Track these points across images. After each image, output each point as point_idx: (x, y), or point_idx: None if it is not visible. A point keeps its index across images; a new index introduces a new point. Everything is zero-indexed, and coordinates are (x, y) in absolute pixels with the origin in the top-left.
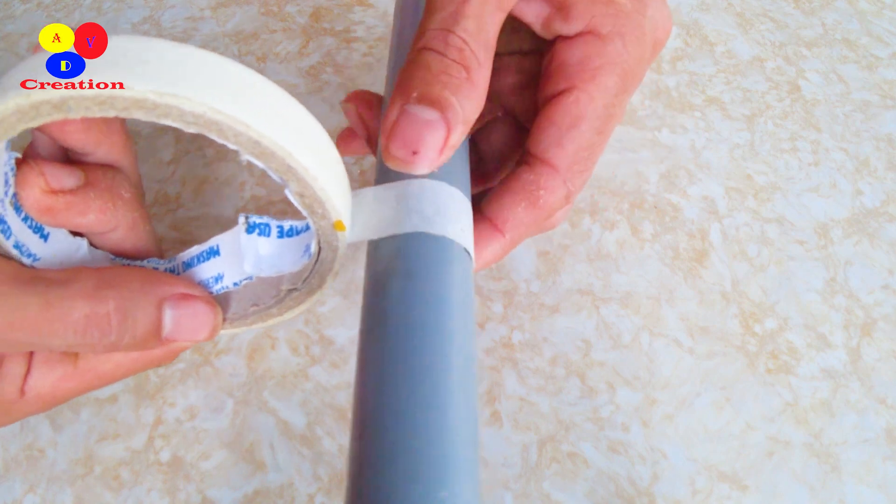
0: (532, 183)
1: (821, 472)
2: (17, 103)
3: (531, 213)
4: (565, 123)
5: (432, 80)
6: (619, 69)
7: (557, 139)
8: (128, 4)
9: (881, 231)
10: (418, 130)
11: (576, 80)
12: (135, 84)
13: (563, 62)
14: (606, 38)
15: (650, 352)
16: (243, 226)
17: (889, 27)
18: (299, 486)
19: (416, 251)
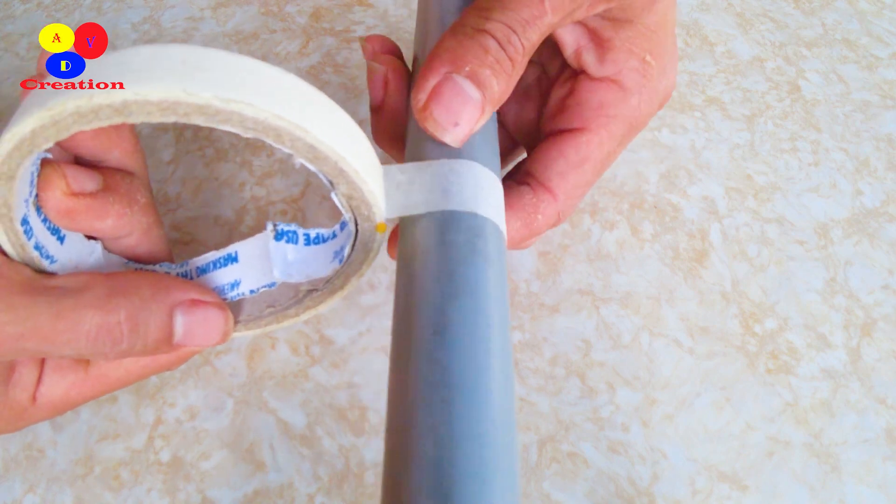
0: (532, 206)
1: (821, 472)
2: (77, 105)
3: (523, 232)
4: (574, 160)
5: (487, 63)
6: (629, 122)
7: (563, 173)
8: (128, 4)
9: (881, 231)
10: (462, 103)
11: (591, 124)
12: (199, 90)
13: (582, 101)
14: (628, 91)
15: (650, 352)
16: (272, 233)
17: (889, 27)
18: (299, 486)
19: (457, 229)
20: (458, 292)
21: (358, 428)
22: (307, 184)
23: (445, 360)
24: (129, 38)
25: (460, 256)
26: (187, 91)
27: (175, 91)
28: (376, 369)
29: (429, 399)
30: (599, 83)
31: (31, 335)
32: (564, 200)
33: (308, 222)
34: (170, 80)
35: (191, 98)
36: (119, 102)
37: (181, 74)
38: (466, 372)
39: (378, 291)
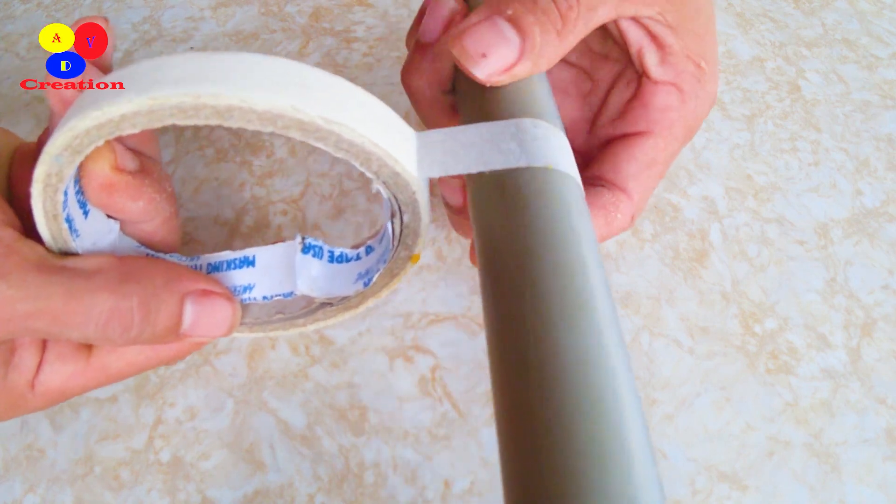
0: (612, 205)
1: (821, 472)
2: (181, 100)
3: (604, 230)
4: (644, 162)
5: (530, 10)
6: (687, 125)
7: (636, 174)
8: (128, 4)
9: (881, 231)
10: (496, 39)
11: (656, 127)
12: (306, 108)
13: (647, 104)
14: (686, 95)
15: (650, 352)
16: (299, 245)
17: (889, 27)
18: (299, 486)
19: (551, 185)
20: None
21: (358, 428)
22: (307, 184)
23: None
24: (129, 37)
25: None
26: (295, 107)
27: (282, 105)
28: (376, 369)
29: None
30: (661, 87)
31: (42, 314)
32: (639, 201)
33: (308, 222)
34: (277, 92)
35: (297, 114)
36: (224, 106)
37: (288, 89)
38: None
39: None
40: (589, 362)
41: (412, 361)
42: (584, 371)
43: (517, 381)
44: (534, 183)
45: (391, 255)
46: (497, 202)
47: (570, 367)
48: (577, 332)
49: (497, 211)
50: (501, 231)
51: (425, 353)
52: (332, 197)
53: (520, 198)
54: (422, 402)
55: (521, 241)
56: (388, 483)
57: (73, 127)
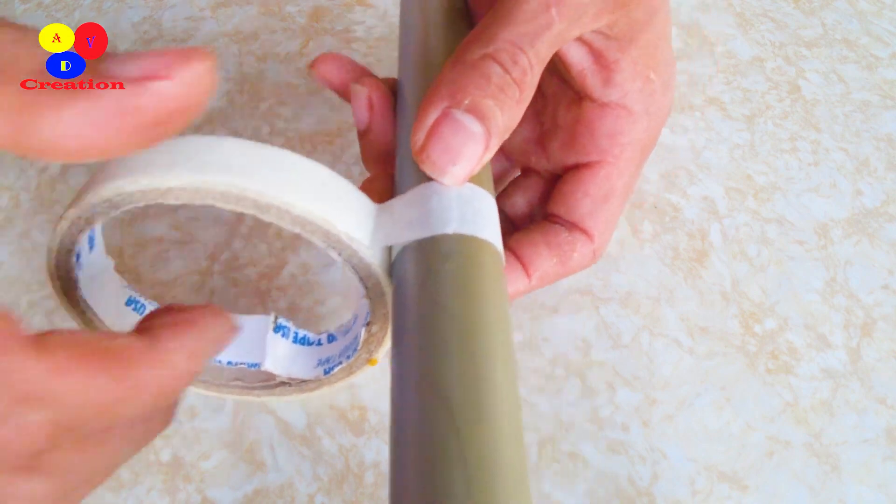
0: (568, 244)
1: (821, 472)
2: (226, 189)
3: (560, 270)
4: (599, 196)
5: (489, 93)
6: (641, 146)
7: (592, 211)
8: (128, 4)
9: (881, 231)
10: (462, 141)
11: (607, 155)
12: (336, 223)
13: (593, 130)
14: (636, 115)
15: (650, 352)
16: (272, 323)
17: (889, 27)
18: (299, 486)
19: (466, 253)
20: (447, 335)
21: (358, 428)
22: None
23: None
24: (129, 37)
25: (448, 287)
26: (326, 219)
27: (317, 214)
28: (376, 369)
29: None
30: (608, 109)
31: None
32: (599, 238)
33: None
34: (313, 201)
35: (325, 225)
36: (264, 204)
37: (323, 197)
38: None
39: None
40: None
41: None
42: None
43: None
44: (453, 248)
45: (354, 357)
46: (406, 275)
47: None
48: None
49: (405, 283)
50: (417, 289)
51: None
52: None
53: (444, 264)
54: None
55: (431, 298)
56: (388, 483)
57: (120, 187)
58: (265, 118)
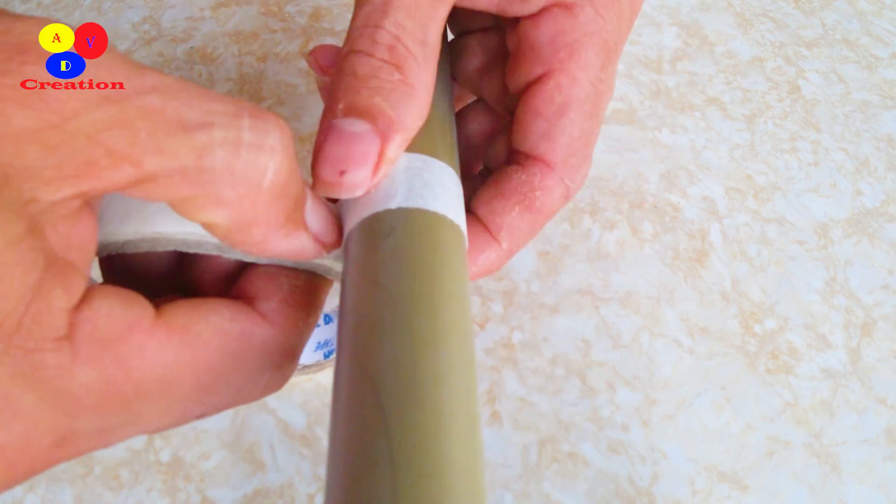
0: (525, 184)
1: (821, 472)
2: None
3: (528, 218)
4: (550, 113)
5: (359, 86)
6: (597, 39)
7: (546, 132)
8: (128, 4)
9: (881, 231)
10: (345, 146)
11: (552, 62)
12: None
13: (532, 43)
14: (576, 8)
15: (650, 352)
16: None
17: (889, 27)
18: (299, 486)
19: (409, 228)
20: (381, 314)
21: None
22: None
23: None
24: (129, 37)
25: (387, 264)
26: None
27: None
28: None
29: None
30: (541, 16)
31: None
32: (562, 164)
33: None
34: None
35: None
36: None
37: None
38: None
39: None
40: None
41: None
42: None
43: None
44: (396, 223)
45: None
46: (362, 244)
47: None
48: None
49: (350, 263)
50: (357, 268)
51: None
52: None
53: (385, 240)
54: None
55: (368, 276)
56: None
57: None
58: None
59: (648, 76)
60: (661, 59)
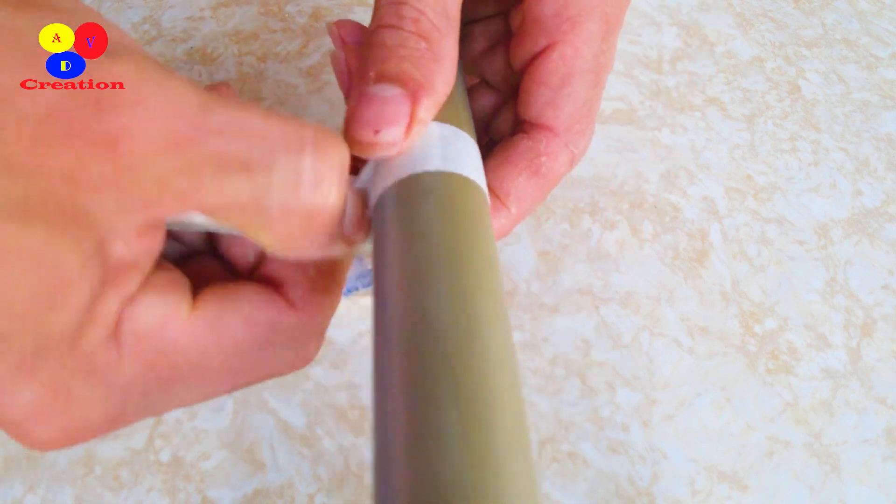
0: (531, 150)
1: (821, 472)
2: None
3: (535, 183)
4: (555, 82)
5: (388, 55)
6: (598, 13)
7: (551, 100)
8: (128, 4)
9: (881, 231)
10: (378, 109)
11: (556, 35)
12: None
13: (536, 17)
14: None
15: (650, 352)
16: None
17: (889, 27)
18: (299, 486)
19: (449, 189)
20: (432, 264)
21: (358, 428)
22: None
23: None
24: None
25: (433, 218)
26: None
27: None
28: None
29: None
30: None
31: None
32: (567, 130)
33: None
34: None
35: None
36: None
37: None
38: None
39: None
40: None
41: None
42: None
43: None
44: (437, 184)
45: (371, 287)
46: (402, 202)
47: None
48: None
49: (401, 209)
50: (399, 223)
51: None
52: None
53: (428, 196)
54: None
55: (415, 229)
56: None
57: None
58: None
59: (648, 76)
60: (661, 59)
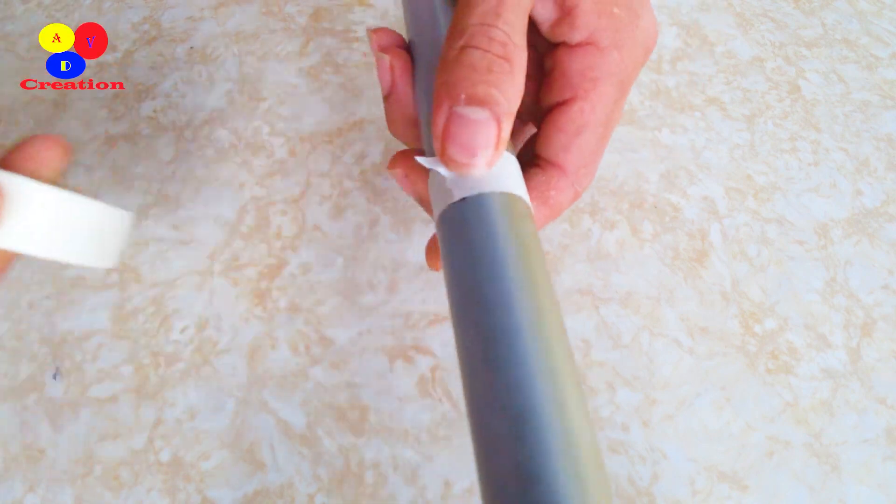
0: (544, 184)
1: (821, 472)
2: None
3: (542, 212)
4: (571, 130)
5: (478, 79)
6: (616, 79)
7: (565, 145)
8: (128, 4)
9: (881, 231)
10: (473, 132)
11: (578, 90)
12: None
13: (565, 70)
14: (605, 50)
15: (650, 352)
16: None
17: (889, 27)
18: (299, 486)
19: (511, 206)
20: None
21: (358, 428)
22: (307, 184)
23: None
24: (129, 37)
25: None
26: None
27: None
28: (376, 369)
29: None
30: (577, 49)
31: None
32: (574, 172)
33: (308, 222)
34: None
35: None
36: None
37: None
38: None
39: (378, 291)
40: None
41: (412, 361)
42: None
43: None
44: (489, 210)
45: None
46: (460, 227)
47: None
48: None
49: (455, 245)
50: (464, 258)
51: (425, 353)
52: (331, 197)
53: (475, 226)
54: (422, 402)
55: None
56: (388, 483)
57: None
58: (265, 118)
59: (648, 76)
60: (661, 59)
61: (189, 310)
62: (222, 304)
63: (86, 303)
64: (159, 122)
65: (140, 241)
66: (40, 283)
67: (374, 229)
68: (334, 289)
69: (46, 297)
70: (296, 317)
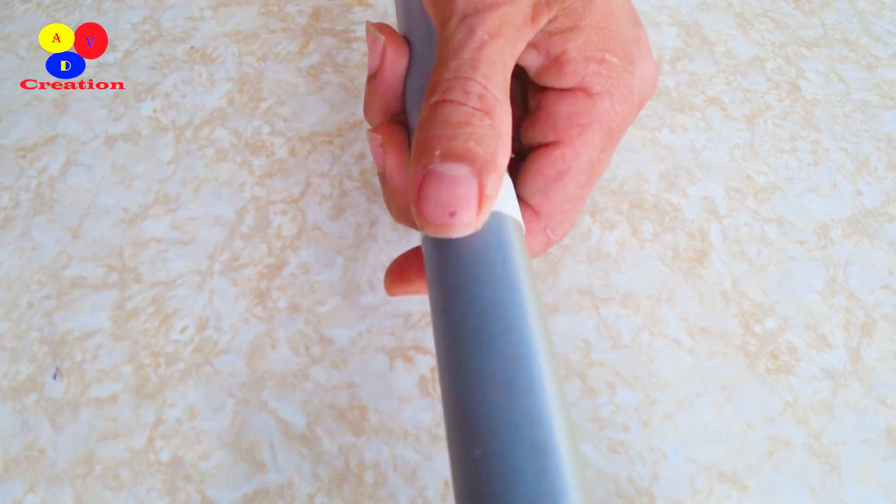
0: None
1: (821, 472)
2: None
3: None
4: (551, 175)
5: (454, 133)
6: (605, 127)
7: (543, 188)
8: (128, 4)
9: (881, 231)
10: (449, 190)
11: (563, 135)
12: None
13: (551, 113)
14: (596, 96)
15: (650, 352)
16: None
17: (889, 27)
18: (299, 486)
19: (507, 230)
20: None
21: (358, 428)
22: (307, 184)
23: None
24: (129, 37)
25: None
26: None
27: None
28: (376, 369)
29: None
30: (566, 93)
31: None
32: (548, 217)
33: (308, 222)
34: None
35: None
36: None
37: None
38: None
39: (378, 291)
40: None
41: (412, 361)
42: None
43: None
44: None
45: None
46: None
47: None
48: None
49: (447, 254)
50: (451, 276)
51: (425, 353)
52: (332, 197)
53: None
54: (422, 402)
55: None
56: (388, 483)
57: None
58: (265, 118)
59: None
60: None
61: (189, 310)
62: (222, 304)
63: (86, 303)
64: (159, 122)
65: (140, 241)
66: (40, 282)
67: (374, 229)
68: (334, 289)
69: (46, 297)
70: (296, 317)
